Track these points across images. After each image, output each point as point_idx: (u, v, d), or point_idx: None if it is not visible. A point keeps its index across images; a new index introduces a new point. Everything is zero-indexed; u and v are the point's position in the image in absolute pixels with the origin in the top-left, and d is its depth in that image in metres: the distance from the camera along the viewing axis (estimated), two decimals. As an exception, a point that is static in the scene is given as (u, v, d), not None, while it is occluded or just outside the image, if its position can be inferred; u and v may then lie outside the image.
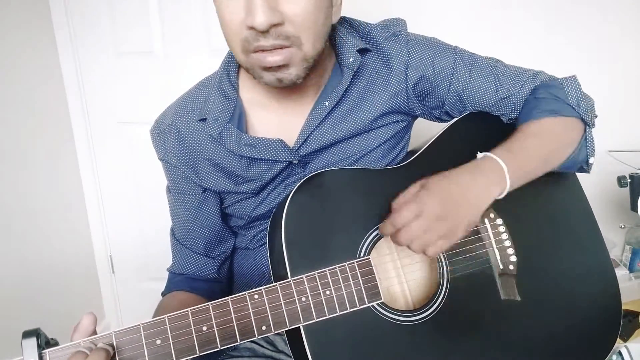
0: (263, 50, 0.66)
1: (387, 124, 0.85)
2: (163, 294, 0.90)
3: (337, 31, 0.79)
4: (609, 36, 1.44)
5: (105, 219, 1.84)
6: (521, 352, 0.75)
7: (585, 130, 0.80)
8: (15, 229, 1.45)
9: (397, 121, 0.86)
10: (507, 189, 0.71)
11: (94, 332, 0.59)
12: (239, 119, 0.79)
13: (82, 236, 1.82)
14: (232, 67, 0.82)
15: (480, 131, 0.85)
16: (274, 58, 0.66)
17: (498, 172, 0.70)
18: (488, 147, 0.74)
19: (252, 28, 0.64)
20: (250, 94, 0.81)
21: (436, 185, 0.67)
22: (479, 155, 0.73)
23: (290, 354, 0.75)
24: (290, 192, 0.73)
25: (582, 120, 0.79)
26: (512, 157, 0.71)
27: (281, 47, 0.65)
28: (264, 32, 0.64)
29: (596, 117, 0.81)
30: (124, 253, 1.87)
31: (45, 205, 1.59)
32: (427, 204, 0.65)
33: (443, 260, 0.76)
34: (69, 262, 1.71)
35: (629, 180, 1.19)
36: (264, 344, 0.90)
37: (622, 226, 1.43)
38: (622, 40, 1.44)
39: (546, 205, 0.82)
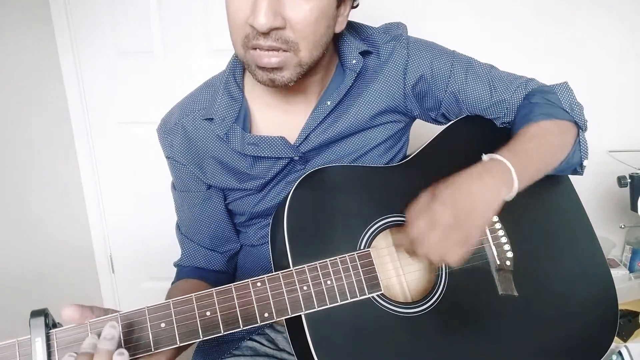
0: (260, 49, 0.68)
1: (384, 123, 0.87)
2: (173, 284, 0.91)
3: (341, 34, 0.81)
4: (608, 37, 1.45)
5: (105, 219, 1.84)
6: (518, 347, 0.75)
7: (578, 134, 0.82)
8: (14, 229, 1.46)
9: (395, 121, 0.88)
10: (515, 190, 0.71)
11: (90, 317, 0.59)
12: (244, 119, 0.82)
13: (82, 236, 1.82)
14: (239, 67, 0.84)
15: (476, 133, 0.87)
16: (269, 60, 0.68)
17: (506, 173, 0.71)
18: (484, 149, 0.75)
19: (253, 27, 0.65)
20: (255, 93, 0.83)
21: (447, 193, 0.67)
22: (485, 157, 0.74)
23: (292, 352, 0.75)
24: (292, 186, 0.75)
25: (576, 123, 0.81)
26: (517, 159, 0.72)
27: (278, 50, 0.67)
28: (264, 34, 0.66)
29: (586, 121, 0.83)
30: (124, 253, 1.87)
31: (45, 205, 1.60)
32: (439, 213, 0.65)
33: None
34: (69, 262, 1.72)
35: (629, 180, 1.19)
36: (266, 343, 0.91)
37: (622, 226, 1.43)
38: (621, 40, 1.45)
39: (540, 205, 0.83)
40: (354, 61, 0.81)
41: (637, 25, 1.44)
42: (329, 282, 0.69)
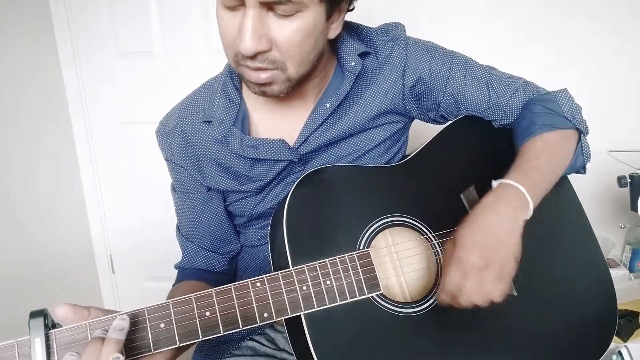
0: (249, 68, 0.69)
1: (383, 124, 0.87)
2: (174, 286, 0.91)
3: (339, 35, 0.80)
4: (608, 37, 1.45)
5: (105, 219, 1.84)
6: (517, 346, 0.75)
7: (580, 139, 0.82)
8: (14, 229, 1.45)
9: (394, 122, 0.88)
10: (532, 209, 0.72)
11: (87, 317, 0.59)
12: (242, 121, 0.82)
13: (82, 236, 1.82)
14: None
15: (474, 133, 0.88)
16: (257, 76, 0.69)
17: (519, 197, 0.71)
18: (482, 148, 0.75)
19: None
20: (253, 95, 0.82)
21: (467, 238, 0.68)
22: (494, 183, 0.74)
23: (292, 352, 0.75)
24: (292, 186, 0.75)
25: (578, 130, 0.81)
26: (527, 179, 0.72)
27: (265, 69, 0.69)
28: (251, 57, 0.67)
29: (585, 121, 0.83)
30: (124, 253, 1.88)
31: (45, 205, 1.60)
32: (466, 260, 0.66)
33: (440, 254, 0.78)
34: (69, 262, 1.72)
35: (629, 180, 1.19)
36: (265, 342, 0.91)
37: (622, 226, 1.43)
38: (622, 40, 1.45)
39: (539, 205, 0.83)
40: (352, 63, 0.81)
41: (636, 27, 1.43)
42: (328, 282, 0.69)
